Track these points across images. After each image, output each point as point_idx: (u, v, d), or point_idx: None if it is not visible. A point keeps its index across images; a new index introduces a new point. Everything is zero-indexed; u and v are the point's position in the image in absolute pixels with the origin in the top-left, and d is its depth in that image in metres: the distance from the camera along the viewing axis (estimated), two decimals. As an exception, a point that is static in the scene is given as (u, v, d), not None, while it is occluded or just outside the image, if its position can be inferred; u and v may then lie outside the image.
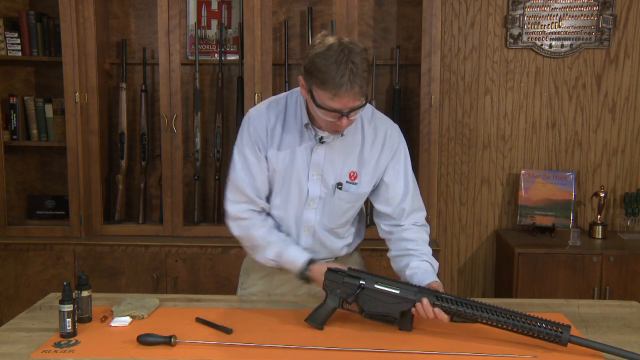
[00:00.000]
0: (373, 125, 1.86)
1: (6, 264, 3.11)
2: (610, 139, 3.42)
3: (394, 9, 3.33)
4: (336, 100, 1.61)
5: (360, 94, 1.61)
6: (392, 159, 1.87)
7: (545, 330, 1.57)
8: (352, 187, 1.85)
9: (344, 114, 1.65)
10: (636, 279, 3.02)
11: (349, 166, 1.84)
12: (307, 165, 1.82)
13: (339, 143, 1.82)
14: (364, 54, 1.64)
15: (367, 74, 1.63)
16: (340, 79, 1.57)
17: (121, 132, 3.29)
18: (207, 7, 3.35)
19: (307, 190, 1.84)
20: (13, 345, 1.61)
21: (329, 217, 1.87)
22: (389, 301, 1.68)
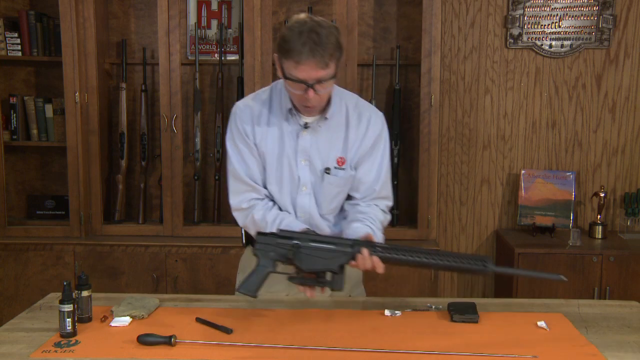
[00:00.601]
0: (357, 112, 1.89)
1: (6, 264, 3.11)
2: (610, 139, 3.42)
3: (394, 9, 3.33)
4: (300, 69, 1.65)
5: (322, 63, 1.65)
6: (372, 146, 1.89)
7: (471, 265, 1.61)
8: (341, 172, 1.87)
9: (309, 85, 1.68)
10: (636, 279, 3.02)
11: (337, 152, 1.87)
12: (295, 151, 1.86)
13: (324, 129, 1.85)
14: (332, 29, 1.68)
15: (333, 48, 1.66)
16: (302, 47, 1.63)
17: (121, 132, 3.29)
18: (207, 7, 3.35)
19: (298, 176, 1.87)
20: (13, 345, 1.61)
21: (321, 203, 1.90)
22: (326, 256, 1.68)
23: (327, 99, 1.81)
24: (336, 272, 1.68)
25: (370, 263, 1.66)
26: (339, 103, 1.87)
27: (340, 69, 3.05)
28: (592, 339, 1.65)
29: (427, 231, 3.14)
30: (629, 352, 1.58)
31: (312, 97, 1.71)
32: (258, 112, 1.87)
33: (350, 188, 1.92)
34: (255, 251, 1.71)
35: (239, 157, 1.87)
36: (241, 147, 1.87)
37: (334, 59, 1.68)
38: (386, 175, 1.93)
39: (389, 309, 1.83)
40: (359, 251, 1.66)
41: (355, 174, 1.90)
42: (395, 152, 3.23)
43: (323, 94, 1.73)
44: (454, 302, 1.85)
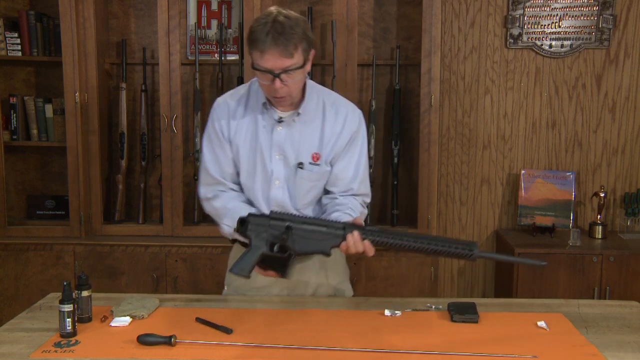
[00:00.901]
0: (335, 108, 1.91)
1: (6, 264, 3.11)
2: (610, 139, 3.42)
3: (394, 9, 3.33)
4: (265, 58, 1.68)
5: (286, 52, 1.67)
6: (349, 142, 1.90)
7: (458, 250, 1.62)
8: (315, 168, 1.89)
9: (275, 75, 1.70)
10: (636, 279, 3.02)
11: (312, 147, 1.88)
12: (269, 145, 1.88)
13: (299, 124, 1.87)
14: (299, 21, 1.71)
15: (298, 38, 1.68)
16: (266, 36, 1.66)
17: (121, 132, 3.29)
18: (207, 7, 3.35)
19: (272, 170, 1.88)
20: (13, 345, 1.61)
21: (295, 196, 1.91)
22: (318, 238, 1.70)
23: (300, 92, 1.83)
24: (328, 254, 1.70)
25: (361, 246, 1.68)
26: (316, 99, 1.89)
27: (340, 69, 3.05)
28: (592, 339, 1.65)
29: (427, 231, 3.14)
30: (629, 352, 1.58)
31: (279, 88, 1.73)
32: (234, 107, 1.91)
33: (327, 184, 1.93)
34: (248, 232, 1.72)
35: (211, 152, 1.92)
36: (214, 141, 1.92)
37: (300, 49, 1.70)
38: (364, 173, 1.95)
39: (389, 309, 1.83)
40: (350, 233, 1.68)
41: (332, 171, 1.91)
42: (395, 152, 3.23)
43: (291, 85, 1.75)
44: (454, 302, 1.85)
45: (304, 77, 1.81)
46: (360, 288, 3.04)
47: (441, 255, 1.65)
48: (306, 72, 1.79)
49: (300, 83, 1.79)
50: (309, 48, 1.74)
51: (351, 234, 1.67)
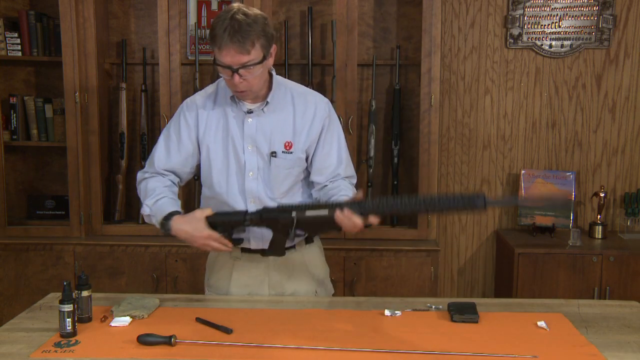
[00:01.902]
0: (303, 98, 1.95)
1: (6, 264, 3.11)
2: (610, 139, 3.42)
3: (394, 9, 3.33)
4: (222, 54, 1.73)
5: (242, 48, 1.71)
6: (324, 130, 1.94)
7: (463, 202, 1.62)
8: (288, 156, 1.92)
9: (234, 70, 1.74)
10: (636, 279, 3.02)
11: (284, 136, 1.91)
12: (241, 137, 1.91)
13: (269, 114, 1.91)
14: (258, 18, 1.75)
15: (256, 35, 1.72)
16: (222, 32, 1.71)
17: (121, 132, 3.29)
18: (207, 7, 3.35)
19: (245, 161, 1.91)
20: (13, 345, 1.61)
21: (270, 186, 1.92)
22: (322, 221, 1.76)
23: (263, 86, 1.87)
24: (338, 230, 1.75)
25: (351, 222, 1.70)
26: (284, 90, 1.94)
27: (340, 69, 3.04)
28: (592, 339, 1.65)
29: (427, 231, 3.14)
30: (629, 352, 1.58)
31: (238, 83, 1.77)
32: (202, 104, 1.95)
33: (313, 174, 1.96)
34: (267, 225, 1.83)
35: (165, 144, 1.98)
36: (172, 135, 1.97)
37: (258, 45, 1.74)
38: (347, 157, 1.99)
39: (389, 309, 1.83)
40: (340, 210, 1.70)
41: (315, 161, 1.95)
42: (395, 152, 3.23)
43: (251, 80, 1.78)
44: (454, 302, 1.85)
45: (266, 72, 1.85)
46: (360, 288, 3.04)
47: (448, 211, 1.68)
48: (268, 66, 1.84)
49: (261, 78, 1.83)
50: (269, 44, 1.78)
51: (340, 211, 1.70)
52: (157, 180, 1.98)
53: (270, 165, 1.91)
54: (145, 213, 1.95)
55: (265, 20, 1.78)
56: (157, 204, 1.91)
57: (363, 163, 3.27)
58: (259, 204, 1.91)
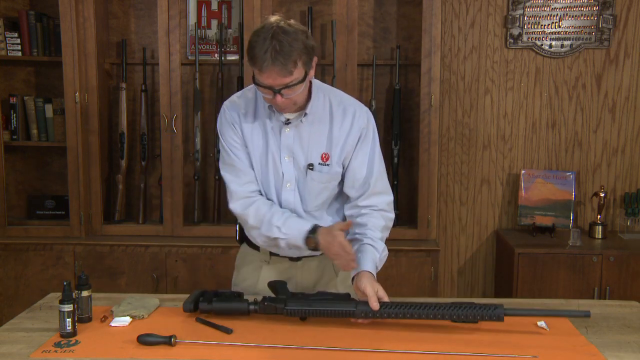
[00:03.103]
0: (342, 107, 1.88)
1: (6, 264, 3.11)
2: (610, 139, 3.42)
3: (394, 9, 3.33)
4: (263, 75, 1.67)
5: (284, 70, 1.65)
6: (360, 140, 1.88)
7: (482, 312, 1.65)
8: (325, 168, 1.87)
9: (276, 91, 1.69)
10: (636, 279, 3.02)
11: (320, 148, 1.87)
12: (278, 147, 1.87)
13: (307, 125, 1.85)
14: (298, 34, 1.67)
15: (298, 54, 1.65)
16: (264, 54, 1.63)
17: (121, 132, 3.29)
18: (207, 7, 3.35)
19: (282, 172, 1.87)
20: (13, 345, 1.61)
21: (306, 199, 1.90)
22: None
23: (304, 97, 1.80)
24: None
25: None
26: (323, 99, 1.87)
27: (340, 69, 3.05)
28: (592, 339, 1.65)
29: (427, 231, 3.14)
30: (629, 352, 1.58)
31: (281, 102, 1.72)
32: (244, 109, 1.89)
33: (345, 186, 1.92)
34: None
35: (235, 149, 1.89)
36: (236, 140, 1.89)
37: (300, 64, 1.68)
38: (379, 170, 1.92)
39: (389, 309, 1.83)
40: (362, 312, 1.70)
41: (347, 172, 1.90)
42: (395, 152, 3.23)
43: (294, 97, 1.73)
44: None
45: (307, 84, 1.79)
46: (360, 288, 3.04)
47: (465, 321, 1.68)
48: (309, 79, 1.78)
49: (304, 93, 1.77)
50: (310, 59, 1.72)
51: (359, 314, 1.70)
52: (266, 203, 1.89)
53: (307, 178, 1.87)
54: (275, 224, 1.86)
55: (306, 34, 1.70)
56: (287, 222, 1.84)
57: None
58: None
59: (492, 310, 1.64)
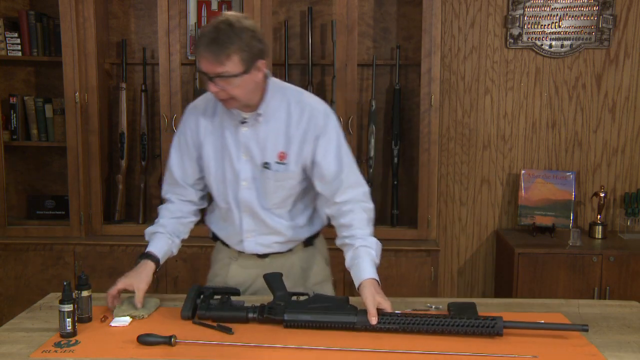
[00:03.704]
0: (300, 106, 1.89)
1: (6, 264, 3.11)
2: (610, 139, 3.42)
3: (394, 9, 3.33)
4: (200, 62, 1.73)
5: (216, 59, 1.69)
6: (319, 138, 1.88)
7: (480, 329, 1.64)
8: (281, 167, 1.89)
9: (209, 78, 1.74)
10: (636, 279, 3.02)
11: (277, 147, 1.88)
12: (236, 146, 1.89)
13: (264, 124, 1.88)
14: (244, 32, 1.71)
15: (235, 48, 1.69)
16: (201, 39, 1.72)
17: (121, 132, 3.29)
18: (207, 7, 3.35)
19: (238, 170, 1.90)
20: (13, 345, 1.61)
21: (263, 196, 1.92)
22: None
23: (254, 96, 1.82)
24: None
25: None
26: (280, 98, 1.89)
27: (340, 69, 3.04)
28: (592, 339, 1.65)
29: (427, 231, 3.14)
30: (629, 352, 1.58)
31: (215, 91, 1.76)
32: (204, 109, 1.95)
33: (316, 184, 1.92)
34: None
35: (177, 154, 1.99)
36: (182, 146, 1.97)
37: (236, 58, 1.70)
38: (349, 163, 1.92)
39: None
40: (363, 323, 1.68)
41: (315, 169, 1.90)
42: (395, 152, 3.23)
43: (231, 90, 1.75)
44: (454, 302, 1.85)
45: (251, 84, 1.79)
46: (360, 288, 3.04)
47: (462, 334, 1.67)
48: (254, 80, 1.78)
49: (244, 89, 1.77)
50: (251, 59, 1.73)
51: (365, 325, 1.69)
52: (165, 211, 2.03)
53: (263, 176, 1.89)
54: (146, 230, 2.03)
55: (254, 34, 1.73)
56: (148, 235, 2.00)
57: (363, 163, 3.27)
58: (252, 214, 1.93)
59: (490, 328, 1.63)
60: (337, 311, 1.70)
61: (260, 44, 1.76)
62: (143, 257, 1.93)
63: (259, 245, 1.97)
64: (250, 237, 1.96)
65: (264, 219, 1.93)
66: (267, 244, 1.97)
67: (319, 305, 1.73)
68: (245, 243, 1.97)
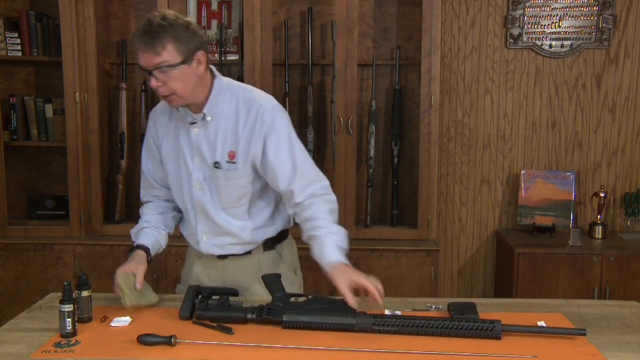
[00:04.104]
0: (248, 105, 1.89)
1: (6, 264, 3.11)
2: (610, 139, 3.42)
3: (394, 9, 3.33)
4: (139, 56, 1.75)
5: (151, 49, 1.71)
6: (268, 136, 1.86)
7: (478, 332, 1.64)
8: (232, 166, 1.89)
9: (148, 72, 1.75)
10: (636, 279, 3.02)
11: (227, 146, 1.89)
12: (189, 147, 1.91)
13: (213, 124, 1.88)
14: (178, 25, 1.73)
15: (168, 38, 1.71)
16: (136, 34, 1.75)
17: (121, 132, 3.29)
18: (207, 7, 3.34)
19: (191, 171, 1.92)
20: (13, 345, 1.61)
21: (216, 196, 1.93)
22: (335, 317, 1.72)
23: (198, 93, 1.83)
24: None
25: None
26: (230, 97, 1.89)
27: (340, 69, 3.04)
28: (592, 339, 1.65)
29: (427, 231, 3.14)
30: (629, 352, 1.58)
31: (156, 86, 1.76)
32: (161, 112, 1.99)
33: (271, 184, 1.92)
34: None
35: (146, 156, 2.05)
36: (147, 148, 2.04)
37: (170, 47, 1.72)
38: (303, 160, 1.90)
39: (389, 309, 1.83)
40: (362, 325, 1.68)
41: (267, 168, 1.89)
42: (395, 152, 3.23)
43: (171, 83, 1.76)
44: (454, 302, 1.85)
45: (192, 78, 1.79)
46: (360, 288, 3.04)
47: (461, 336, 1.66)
48: (195, 73, 1.79)
49: (184, 82, 1.77)
50: (187, 49, 1.74)
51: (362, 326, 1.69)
52: (146, 209, 2.08)
53: (213, 176, 1.90)
54: (131, 230, 2.07)
55: (188, 26, 1.75)
56: (134, 231, 2.04)
57: (363, 163, 3.27)
58: (205, 215, 1.94)
59: (489, 331, 1.63)
60: (336, 312, 1.70)
61: (197, 36, 1.78)
62: (132, 250, 1.95)
63: (214, 246, 1.99)
64: (206, 238, 1.98)
65: (216, 221, 1.94)
66: (222, 245, 1.98)
67: (318, 307, 1.73)
68: (202, 244, 1.99)
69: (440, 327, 1.65)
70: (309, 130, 3.21)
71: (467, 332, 1.64)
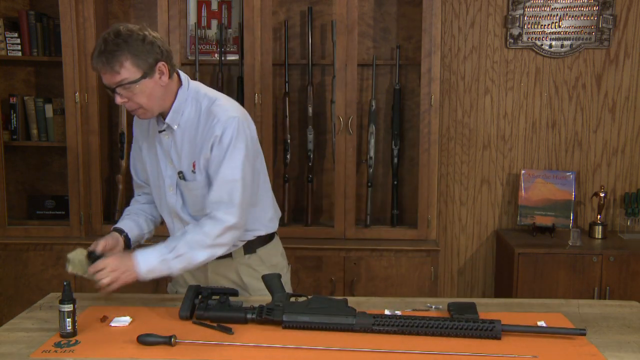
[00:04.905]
0: (207, 114, 1.86)
1: (6, 264, 3.11)
2: (610, 139, 3.42)
3: (394, 9, 3.33)
4: (101, 75, 1.76)
5: (109, 68, 1.71)
6: (214, 147, 1.83)
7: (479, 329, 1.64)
8: (193, 177, 1.89)
9: (111, 89, 1.76)
10: (636, 279, 3.02)
11: (191, 156, 1.89)
12: (163, 154, 1.93)
13: (180, 132, 1.88)
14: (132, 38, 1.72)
15: (124, 55, 1.70)
16: (93, 54, 1.75)
17: (121, 132, 3.29)
18: (207, 7, 3.35)
19: (165, 177, 1.94)
20: (13, 345, 1.61)
21: (187, 204, 1.94)
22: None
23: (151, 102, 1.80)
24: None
25: None
26: (196, 105, 1.87)
27: (340, 69, 3.04)
28: (592, 339, 1.65)
29: (427, 231, 3.14)
30: (629, 352, 1.58)
31: (121, 102, 1.77)
32: (140, 120, 1.99)
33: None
34: None
35: (133, 157, 2.09)
36: (134, 148, 2.06)
37: (128, 64, 1.71)
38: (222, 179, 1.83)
39: (389, 309, 1.83)
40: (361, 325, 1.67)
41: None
42: (395, 152, 3.23)
43: (137, 98, 1.76)
44: (454, 302, 1.85)
45: (157, 90, 1.78)
46: (360, 288, 3.04)
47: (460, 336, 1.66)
48: (159, 85, 1.78)
49: (149, 95, 1.77)
50: (145, 62, 1.73)
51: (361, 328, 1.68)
52: (134, 202, 2.13)
53: (180, 185, 1.91)
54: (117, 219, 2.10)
55: (144, 39, 1.73)
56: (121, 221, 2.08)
57: (363, 163, 3.27)
58: (180, 219, 1.95)
59: (489, 331, 1.64)
60: (336, 313, 1.70)
61: (155, 47, 1.76)
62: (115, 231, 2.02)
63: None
64: None
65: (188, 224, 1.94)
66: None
67: (318, 307, 1.73)
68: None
69: (440, 327, 1.65)
70: (309, 130, 3.21)
71: (467, 332, 1.64)
